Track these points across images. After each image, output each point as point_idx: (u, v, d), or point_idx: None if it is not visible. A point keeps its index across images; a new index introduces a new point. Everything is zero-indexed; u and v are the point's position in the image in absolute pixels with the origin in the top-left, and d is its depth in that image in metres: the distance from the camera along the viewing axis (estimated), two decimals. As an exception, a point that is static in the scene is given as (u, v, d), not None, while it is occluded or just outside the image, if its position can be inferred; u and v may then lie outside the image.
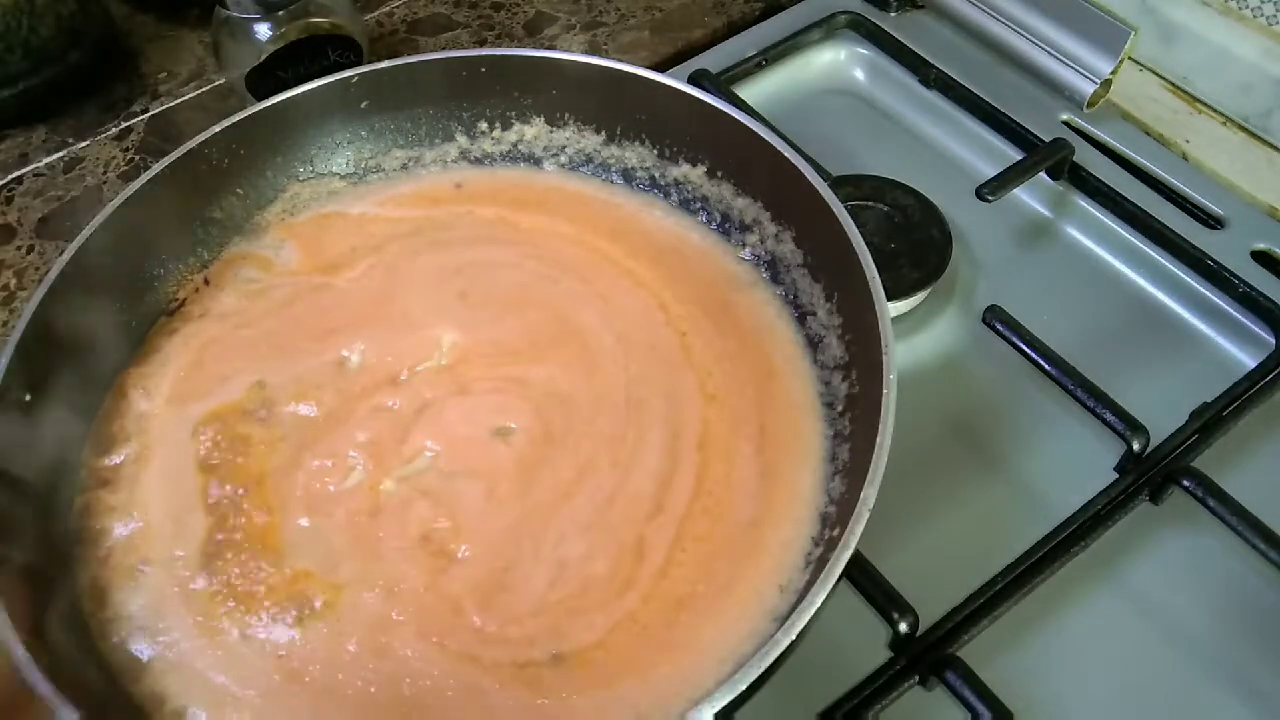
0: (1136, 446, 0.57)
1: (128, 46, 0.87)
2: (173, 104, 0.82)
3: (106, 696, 0.45)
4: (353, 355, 0.57)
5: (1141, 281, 0.68)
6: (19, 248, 0.72)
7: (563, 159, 0.66)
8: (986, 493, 0.59)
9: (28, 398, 0.50)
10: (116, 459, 0.53)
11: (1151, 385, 0.62)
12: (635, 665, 0.46)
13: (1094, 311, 0.67)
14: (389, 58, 0.63)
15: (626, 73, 0.61)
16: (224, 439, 0.53)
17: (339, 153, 0.65)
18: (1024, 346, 0.61)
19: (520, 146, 0.66)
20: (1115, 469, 0.58)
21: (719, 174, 0.62)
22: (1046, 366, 0.60)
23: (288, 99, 0.61)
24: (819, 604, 0.40)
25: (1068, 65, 0.76)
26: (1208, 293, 0.66)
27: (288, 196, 0.64)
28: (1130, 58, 0.76)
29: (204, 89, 0.83)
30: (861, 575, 0.51)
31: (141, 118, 0.81)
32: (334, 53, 0.76)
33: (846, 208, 0.53)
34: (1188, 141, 0.76)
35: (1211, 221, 0.71)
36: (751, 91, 0.79)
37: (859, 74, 0.83)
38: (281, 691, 0.46)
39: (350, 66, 0.62)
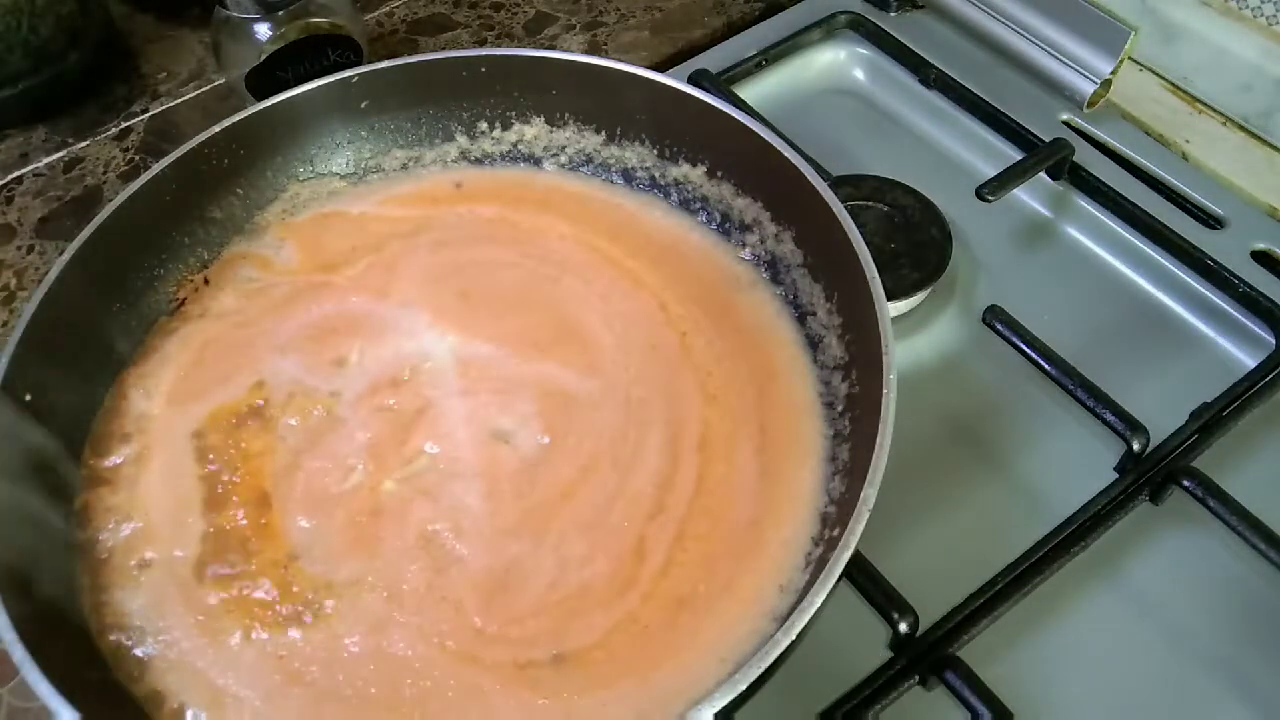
0: (1136, 446, 0.57)
1: (128, 46, 0.87)
2: (173, 104, 0.82)
3: (106, 696, 0.45)
4: (352, 355, 0.57)
5: (1141, 281, 0.69)
6: (19, 248, 0.72)
7: (563, 159, 0.66)
8: (986, 493, 0.59)
9: (28, 398, 0.50)
10: (116, 459, 0.53)
11: (1151, 385, 0.62)
12: (636, 665, 0.46)
13: (1094, 311, 0.67)
14: (389, 58, 0.63)
15: (626, 73, 0.61)
16: (224, 439, 0.53)
17: (339, 153, 0.65)
18: (1024, 346, 0.61)
19: (520, 146, 0.66)
20: (1115, 469, 0.58)
21: (719, 174, 0.62)
22: (1046, 366, 0.60)
23: (287, 99, 0.61)
24: (819, 604, 0.40)
25: (1068, 65, 0.76)
26: (1208, 293, 0.66)
27: (288, 196, 0.64)
28: (1130, 58, 0.76)
29: (204, 89, 0.83)
30: (861, 575, 0.51)
31: (141, 118, 0.81)
32: (334, 53, 0.76)
33: (846, 208, 0.52)
34: (1188, 141, 0.76)
35: (1211, 221, 0.71)
36: (751, 91, 0.79)
37: (859, 74, 0.83)
38: (282, 692, 0.46)
39: (350, 66, 0.62)
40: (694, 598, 0.48)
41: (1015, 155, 0.72)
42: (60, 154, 0.78)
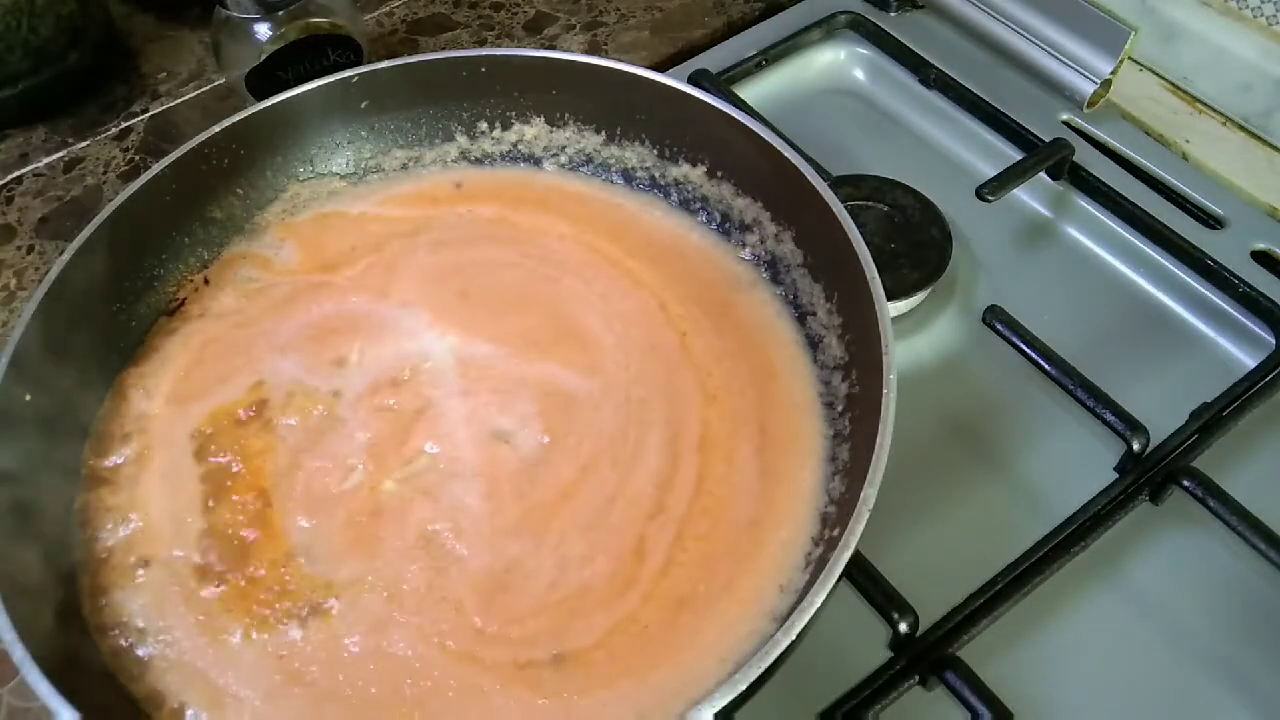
0: (1136, 446, 0.57)
1: (128, 46, 0.87)
2: (173, 104, 0.82)
3: (106, 696, 0.45)
4: (352, 354, 0.57)
5: (1141, 281, 0.69)
6: (19, 248, 0.72)
7: (563, 159, 0.66)
8: (986, 493, 0.59)
9: (28, 397, 0.50)
10: (116, 459, 0.53)
11: (1151, 385, 0.62)
12: (636, 665, 0.46)
13: (1094, 311, 0.67)
14: (389, 58, 0.63)
15: (626, 73, 0.61)
16: (224, 439, 0.53)
17: (339, 153, 0.65)
18: (1024, 346, 0.61)
19: (520, 146, 0.66)
20: (1115, 469, 0.58)
21: (719, 174, 0.62)
22: (1046, 366, 0.60)
23: (287, 99, 0.61)
24: (819, 604, 0.40)
25: (1068, 65, 0.76)
26: (1208, 293, 0.66)
27: (288, 196, 0.64)
28: (1130, 58, 0.76)
29: (204, 89, 0.83)
30: (861, 575, 0.51)
31: (141, 118, 0.81)
32: (334, 53, 0.76)
33: (846, 208, 0.52)
34: (1188, 141, 0.76)
35: (1211, 221, 0.71)
36: (751, 91, 0.79)
37: (859, 74, 0.83)
38: (282, 692, 0.46)
39: (350, 66, 0.62)
40: (694, 598, 0.48)
41: (1015, 155, 0.72)
42: (60, 154, 0.78)
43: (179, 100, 0.82)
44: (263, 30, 0.73)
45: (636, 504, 0.51)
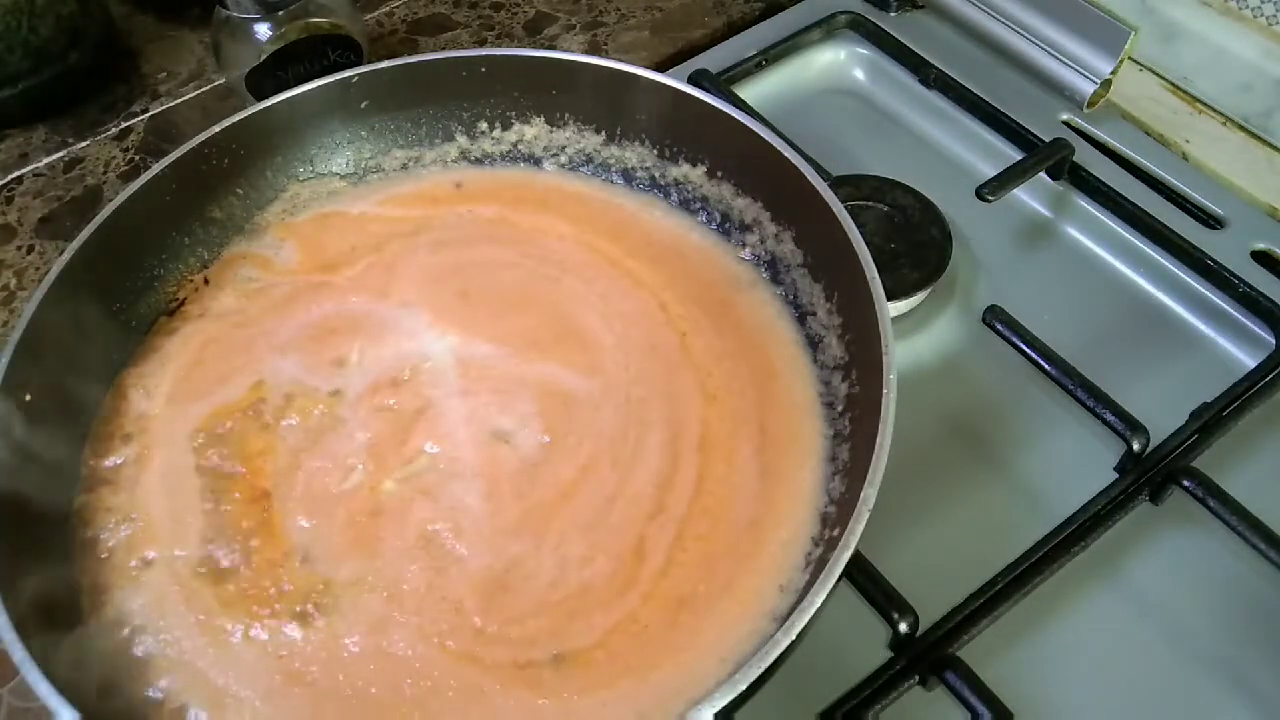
0: (1136, 446, 0.57)
1: (128, 46, 0.87)
2: (173, 104, 0.82)
3: (106, 696, 0.45)
4: (352, 354, 0.57)
5: (1141, 281, 0.69)
6: (19, 248, 0.72)
7: (563, 159, 0.66)
8: (986, 493, 0.59)
9: (28, 398, 0.50)
10: (116, 459, 0.53)
11: (1151, 385, 0.62)
12: (636, 665, 0.46)
13: (1094, 311, 0.67)
14: (389, 58, 0.63)
15: (626, 73, 0.61)
16: (224, 439, 0.53)
17: (339, 153, 0.65)
18: (1024, 346, 0.61)
19: (520, 146, 0.66)
20: (1115, 469, 0.58)
21: (719, 174, 0.62)
22: (1046, 366, 0.60)
23: (287, 99, 0.61)
24: (819, 604, 0.40)
25: (1068, 65, 0.76)
26: (1208, 293, 0.66)
27: (288, 196, 0.64)
28: (1130, 58, 0.76)
29: (204, 89, 0.83)
30: (861, 575, 0.51)
31: (141, 118, 0.81)
32: (334, 53, 0.76)
33: (846, 208, 0.53)
34: (1188, 141, 0.76)
35: (1211, 221, 0.71)
36: (751, 91, 0.79)
37: (859, 74, 0.83)
38: (282, 692, 0.46)
39: (350, 66, 0.62)
40: (694, 598, 0.48)
41: (1015, 155, 0.72)
42: (60, 154, 0.78)
43: (179, 100, 0.82)
44: (263, 30, 0.73)
45: (636, 504, 0.51)
